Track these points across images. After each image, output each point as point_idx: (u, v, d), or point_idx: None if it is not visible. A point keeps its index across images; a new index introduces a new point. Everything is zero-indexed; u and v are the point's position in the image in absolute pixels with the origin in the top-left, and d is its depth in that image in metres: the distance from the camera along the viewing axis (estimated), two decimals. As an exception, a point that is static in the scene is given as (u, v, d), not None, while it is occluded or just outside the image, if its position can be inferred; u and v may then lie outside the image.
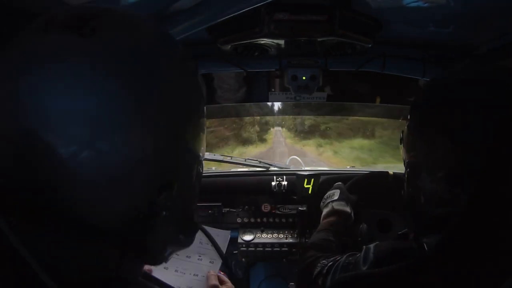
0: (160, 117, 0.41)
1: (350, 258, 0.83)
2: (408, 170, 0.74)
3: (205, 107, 0.50)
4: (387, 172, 1.31)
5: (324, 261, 0.89)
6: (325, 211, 1.16)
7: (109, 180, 0.38)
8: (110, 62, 0.37)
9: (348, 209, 1.13)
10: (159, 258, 0.50)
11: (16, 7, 0.38)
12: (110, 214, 0.40)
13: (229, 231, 1.07)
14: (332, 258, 0.87)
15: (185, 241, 0.52)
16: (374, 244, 0.80)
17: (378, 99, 1.76)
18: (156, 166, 0.41)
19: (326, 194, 1.22)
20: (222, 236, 1.02)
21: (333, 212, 1.12)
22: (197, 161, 0.48)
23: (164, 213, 0.42)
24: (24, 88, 0.36)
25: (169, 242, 0.49)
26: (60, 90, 0.36)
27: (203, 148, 0.50)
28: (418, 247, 0.69)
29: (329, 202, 1.16)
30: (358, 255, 0.81)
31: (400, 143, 0.79)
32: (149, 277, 0.68)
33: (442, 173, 0.64)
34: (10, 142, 0.36)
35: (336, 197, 1.16)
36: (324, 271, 0.86)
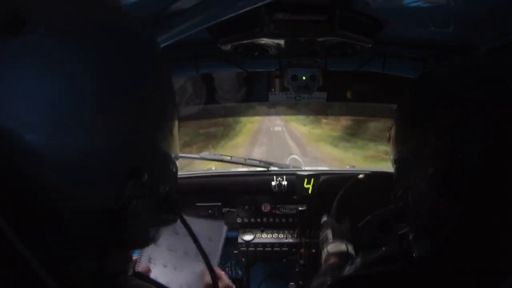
0: (124, 104, 0.41)
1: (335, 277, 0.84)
2: (398, 169, 0.73)
3: (173, 96, 0.50)
4: (357, 177, 1.30)
5: None
6: (323, 255, 1.16)
7: (75, 169, 0.38)
8: (65, 52, 0.37)
9: (343, 247, 1.12)
10: (146, 241, 0.50)
11: None
12: (81, 204, 0.40)
13: (223, 223, 1.06)
14: None
15: (170, 219, 0.51)
16: (361, 254, 0.81)
17: (378, 99, 1.77)
18: (123, 154, 0.41)
19: (320, 237, 1.21)
20: (215, 229, 1.01)
21: (330, 255, 1.12)
22: (168, 148, 0.48)
23: (136, 201, 0.42)
24: None
25: (152, 224, 0.49)
26: (21, 85, 0.36)
27: (174, 137, 0.49)
28: (407, 252, 0.69)
29: (324, 247, 1.16)
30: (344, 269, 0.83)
31: (388, 141, 0.78)
32: (145, 277, 0.68)
33: (438, 173, 0.64)
34: None
35: (330, 239, 1.15)
36: None
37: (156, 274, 0.90)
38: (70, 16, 0.39)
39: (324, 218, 1.26)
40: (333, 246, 1.13)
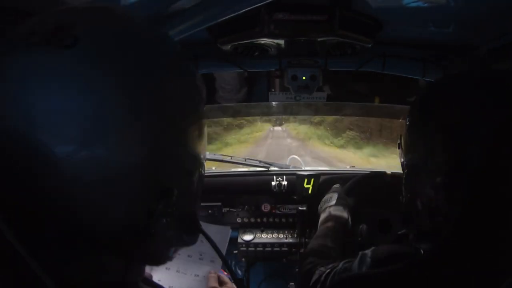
0: (157, 120, 0.40)
1: (346, 265, 0.84)
2: (406, 172, 0.74)
3: (204, 109, 0.49)
4: (385, 172, 1.31)
5: (322, 268, 0.89)
6: (322, 216, 1.15)
7: (104, 183, 0.38)
8: (99, 67, 0.37)
9: (345, 214, 1.12)
10: (163, 259, 0.50)
11: (8, 6, 0.38)
12: (107, 220, 0.40)
13: (229, 227, 1.06)
14: (330, 266, 0.87)
15: (189, 240, 0.51)
16: (371, 249, 0.80)
17: (377, 99, 1.77)
18: (153, 171, 0.40)
19: (324, 198, 1.21)
20: (221, 233, 1.01)
21: (330, 217, 1.11)
22: (198, 164, 0.47)
23: (164, 220, 0.41)
24: (15, 93, 0.36)
25: (172, 243, 0.49)
26: (53, 97, 0.36)
27: (204, 150, 0.49)
28: (415, 251, 0.70)
29: (326, 207, 1.15)
30: (354, 261, 0.82)
31: (398, 148, 0.79)
32: (149, 282, 0.68)
33: (440, 173, 0.64)
34: (3, 144, 0.36)
35: (333, 202, 1.15)
36: (322, 278, 0.86)
37: (159, 277, 0.90)
38: (108, 33, 0.39)
39: (336, 185, 1.27)
40: (336, 209, 1.13)
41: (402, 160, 0.75)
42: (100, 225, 0.39)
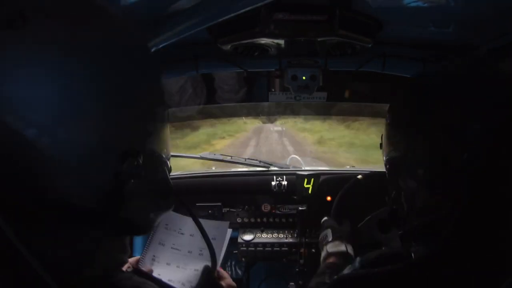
0: (115, 92, 0.43)
1: (336, 277, 0.84)
2: (390, 172, 0.74)
3: (162, 96, 0.53)
4: (356, 178, 1.31)
5: None
6: (322, 254, 1.16)
7: (73, 154, 0.40)
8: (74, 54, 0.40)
9: (343, 247, 1.12)
10: (144, 226, 0.52)
11: None
12: (82, 189, 0.42)
13: (227, 222, 1.07)
14: None
15: (165, 204, 0.54)
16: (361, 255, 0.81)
17: (378, 99, 1.77)
18: (115, 137, 0.43)
19: (320, 237, 1.21)
20: (219, 228, 1.02)
21: (329, 255, 1.12)
22: (159, 127, 0.51)
23: (132, 180, 0.44)
24: None
25: (149, 208, 0.52)
26: (15, 78, 0.37)
27: (163, 129, 0.52)
28: (406, 253, 0.70)
29: (323, 246, 1.16)
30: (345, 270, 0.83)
31: (381, 148, 0.78)
32: (145, 275, 0.69)
33: (439, 173, 0.63)
34: None
35: (329, 239, 1.16)
36: None
37: (159, 271, 0.91)
38: (74, 25, 0.41)
39: (325, 218, 1.26)
40: (332, 246, 1.13)
41: (386, 158, 0.75)
42: (76, 195, 0.41)
